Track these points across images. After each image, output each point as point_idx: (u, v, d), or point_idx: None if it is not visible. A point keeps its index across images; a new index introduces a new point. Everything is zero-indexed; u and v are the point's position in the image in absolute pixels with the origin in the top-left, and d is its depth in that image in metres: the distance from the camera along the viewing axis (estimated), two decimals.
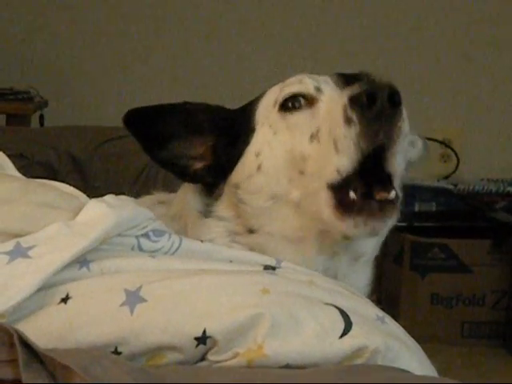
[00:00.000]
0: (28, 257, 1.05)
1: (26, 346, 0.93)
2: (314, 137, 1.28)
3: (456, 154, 3.96)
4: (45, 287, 1.04)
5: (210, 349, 1.01)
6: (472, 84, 3.99)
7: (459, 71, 3.98)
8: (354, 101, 1.20)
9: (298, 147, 1.29)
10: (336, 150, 1.22)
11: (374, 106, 1.18)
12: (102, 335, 1.01)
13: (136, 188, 2.02)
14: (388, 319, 1.15)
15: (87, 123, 2.89)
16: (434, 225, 3.59)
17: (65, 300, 1.05)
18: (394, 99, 1.19)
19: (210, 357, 1.01)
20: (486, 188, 3.76)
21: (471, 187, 3.76)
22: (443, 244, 3.51)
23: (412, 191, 3.63)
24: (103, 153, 2.19)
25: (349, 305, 1.10)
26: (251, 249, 1.32)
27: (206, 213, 1.38)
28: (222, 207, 1.37)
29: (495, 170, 3.92)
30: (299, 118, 1.32)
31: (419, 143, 1.55)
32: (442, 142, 3.96)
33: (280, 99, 1.35)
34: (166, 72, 3.94)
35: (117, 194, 1.25)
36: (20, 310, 1.03)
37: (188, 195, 1.42)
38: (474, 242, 3.52)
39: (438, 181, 3.84)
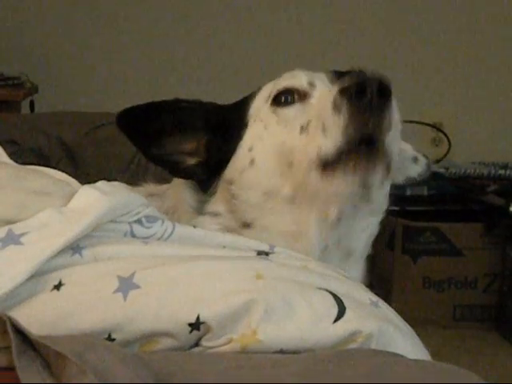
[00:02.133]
0: (20, 243, 1.05)
1: (20, 333, 0.92)
2: (303, 129, 1.29)
3: (447, 138, 3.96)
4: (37, 274, 1.04)
5: (203, 334, 1.01)
6: (463, 68, 3.98)
7: (450, 55, 3.98)
8: (343, 91, 1.21)
9: (287, 140, 1.30)
10: (323, 136, 1.22)
11: (364, 96, 1.19)
12: (96, 322, 1.01)
13: (128, 173, 2.01)
14: (381, 303, 1.15)
15: (78, 109, 2.88)
16: (426, 209, 3.59)
17: (57, 287, 1.04)
18: (383, 91, 1.20)
19: (204, 342, 1.01)
20: (477, 171, 3.77)
21: (463, 171, 3.77)
22: (435, 228, 3.52)
23: None
24: (94, 139, 2.18)
25: (342, 290, 1.10)
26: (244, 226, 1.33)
27: (200, 209, 1.38)
28: (217, 203, 1.38)
29: (486, 154, 3.93)
30: (290, 111, 1.33)
31: (422, 161, 1.56)
32: (433, 126, 3.96)
33: (273, 94, 1.36)
34: (157, 57, 3.93)
35: (109, 180, 1.25)
36: (12, 297, 1.02)
37: (181, 191, 1.42)
38: (466, 226, 3.53)
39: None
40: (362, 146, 1.22)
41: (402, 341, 1.08)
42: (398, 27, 3.93)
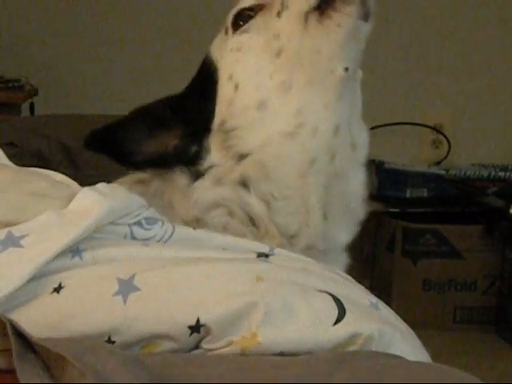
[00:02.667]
0: (20, 246, 1.04)
1: (20, 335, 0.92)
2: (280, 13, 1.29)
3: (447, 140, 3.96)
4: (37, 277, 1.04)
5: (203, 337, 1.01)
6: (463, 70, 3.99)
7: (450, 57, 3.98)
8: None
9: (268, 35, 1.30)
10: None
11: None
12: (96, 324, 1.01)
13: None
14: (381, 305, 1.15)
15: (78, 111, 2.88)
16: (426, 210, 3.60)
17: (57, 289, 1.04)
18: None
19: (204, 345, 1.01)
20: (477, 173, 3.77)
21: (463, 173, 3.77)
22: (435, 230, 3.52)
23: (403, 177, 3.64)
24: None
25: (342, 291, 1.10)
26: (244, 180, 1.31)
27: (190, 181, 1.37)
28: (211, 158, 1.35)
29: (487, 156, 3.93)
30: (257, 21, 1.33)
31: None
32: (433, 128, 3.96)
33: (229, 23, 1.36)
34: (158, 60, 3.93)
35: (108, 182, 1.25)
36: (12, 299, 1.02)
37: (168, 171, 1.40)
38: (466, 228, 3.53)
39: (430, 166, 3.85)
40: None
41: (403, 343, 1.08)
42: (398, 29, 3.94)
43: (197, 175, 1.37)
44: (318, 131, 1.30)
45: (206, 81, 1.40)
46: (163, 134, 1.40)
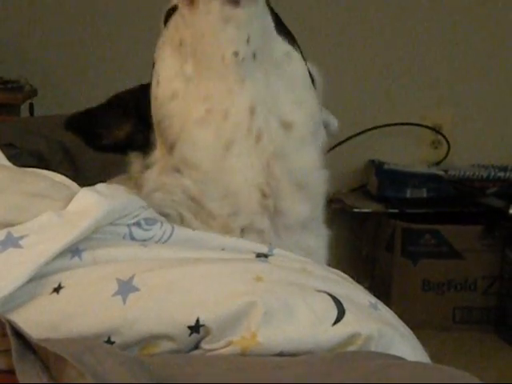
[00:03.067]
0: (19, 246, 1.05)
1: (19, 336, 0.92)
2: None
3: (447, 140, 3.96)
4: (37, 277, 1.04)
5: (203, 337, 1.01)
6: (462, 70, 3.99)
7: (450, 58, 3.98)
8: None
9: (173, 24, 1.36)
10: None
11: None
12: (95, 325, 1.01)
13: (127, 176, 2.01)
14: (381, 306, 1.15)
15: None
16: (425, 211, 3.59)
17: (57, 290, 1.04)
18: None
19: (204, 345, 1.01)
20: (476, 174, 3.77)
21: (462, 173, 3.77)
22: (434, 230, 3.52)
23: (403, 178, 3.64)
24: None
25: (342, 292, 1.10)
26: (177, 168, 1.34)
27: (143, 169, 1.42)
28: (155, 153, 1.40)
29: (486, 156, 3.93)
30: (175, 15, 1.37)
31: (334, 123, 1.57)
32: (432, 128, 3.96)
33: (162, 21, 1.42)
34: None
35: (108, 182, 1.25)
36: (12, 300, 1.02)
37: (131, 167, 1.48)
38: (466, 228, 3.53)
39: (429, 167, 3.84)
40: None
41: (402, 343, 1.08)
42: (398, 30, 3.94)
43: (146, 166, 1.42)
44: (229, 114, 1.31)
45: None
46: (126, 123, 1.47)
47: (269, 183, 1.34)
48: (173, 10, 1.38)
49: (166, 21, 1.41)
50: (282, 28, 1.38)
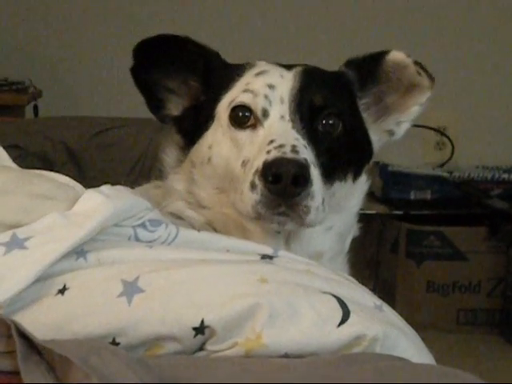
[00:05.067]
0: (25, 248, 1.05)
1: (24, 337, 0.92)
2: (244, 164, 1.33)
3: (451, 142, 3.96)
4: (42, 278, 1.04)
5: (208, 338, 1.01)
6: (467, 72, 3.98)
7: (454, 59, 3.97)
8: (261, 173, 1.24)
9: (232, 163, 1.36)
10: (249, 195, 1.27)
11: (279, 184, 1.23)
12: (100, 326, 1.01)
13: (131, 178, 2.02)
14: (386, 307, 1.15)
15: (81, 113, 2.88)
16: (430, 212, 3.59)
17: (62, 291, 1.04)
18: (298, 182, 1.23)
19: (209, 346, 1.01)
20: (481, 175, 3.76)
21: (466, 175, 3.76)
22: (439, 232, 3.51)
23: (407, 179, 3.63)
24: (98, 143, 2.18)
25: (346, 293, 1.10)
26: (206, 221, 1.39)
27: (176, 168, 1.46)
28: (179, 181, 1.44)
29: (490, 158, 3.92)
30: (241, 136, 1.37)
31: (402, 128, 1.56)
32: (437, 130, 3.95)
33: (232, 104, 1.39)
34: None
35: (113, 184, 1.25)
36: (17, 301, 1.02)
37: (166, 150, 1.50)
38: (470, 230, 3.53)
39: (434, 169, 3.84)
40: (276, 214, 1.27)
41: (407, 345, 1.08)
42: (403, 31, 3.93)
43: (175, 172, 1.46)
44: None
45: (211, 103, 1.43)
46: (177, 77, 1.48)
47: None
48: (243, 107, 1.37)
49: (235, 110, 1.39)
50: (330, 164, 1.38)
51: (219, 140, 1.39)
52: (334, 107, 1.36)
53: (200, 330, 1.00)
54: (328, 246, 1.40)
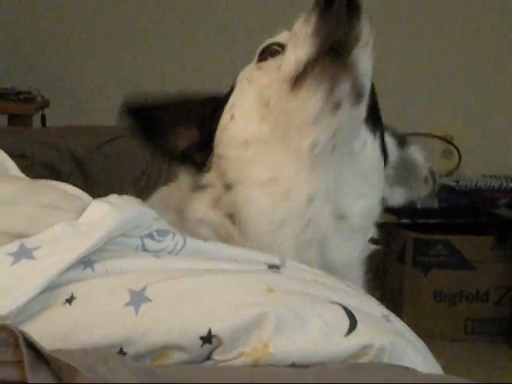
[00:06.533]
0: (32, 258, 1.05)
1: (32, 347, 0.92)
2: (280, 67, 1.30)
3: (458, 151, 3.96)
4: (49, 288, 1.04)
5: (215, 348, 1.01)
6: (474, 80, 3.98)
7: (461, 68, 3.98)
8: (314, 4, 1.25)
9: (266, 81, 1.33)
10: (293, 51, 1.26)
11: (331, 9, 1.22)
12: (107, 336, 1.01)
13: (138, 187, 2.02)
14: (393, 317, 1.15)
15: (89, 123, 2.89)
16: (437, 221, 3.59)
17: (69, 301, 1.04)
18: (352, 6, 1.23)
19: (216, 356, 1.01)
20: (488, 184, 3.77)
21: (473, 183, 3.77)
22: (446, 240, 3.51)
23: None
24: (105, 152, 2.19)
25: (354, 303, 1.10)
26: (230, 213, 1.34)
27: (195, 188, 1.41)
28: (209, 176, 1.40)
29: (497, 167, 3.92)
30: (273, 61, 1.35)
31: (430, 184, 1.57)
32: (443, 139, 3.96)
33: (258, 51, 1.39)
34: (167, 71, 3.94)
35: (119, 193, 1.25)
36: (25, 311, 1.02)
37: (180, 181, 1.46)
38: (477, 239, 3.53)
39: (440, 177, 3.84)
40: (329, 55, 1.24)
41: (414, 355, 1.08)
42: (409, 41, 3.94)
43: (198, 186, 1.41)
44: (289, 196, 1.31)
45: (223, 99, 1.43)
46: (190, 132, 1.45)
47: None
48: (277, 45, 1.35)
49: (263, 53, 1.38)
50: (370, 111, 1.35)
51: (244, 89, 1.38)
52: None
53: (207, 339, 1.00)
54: (357, 211, 1.37)
